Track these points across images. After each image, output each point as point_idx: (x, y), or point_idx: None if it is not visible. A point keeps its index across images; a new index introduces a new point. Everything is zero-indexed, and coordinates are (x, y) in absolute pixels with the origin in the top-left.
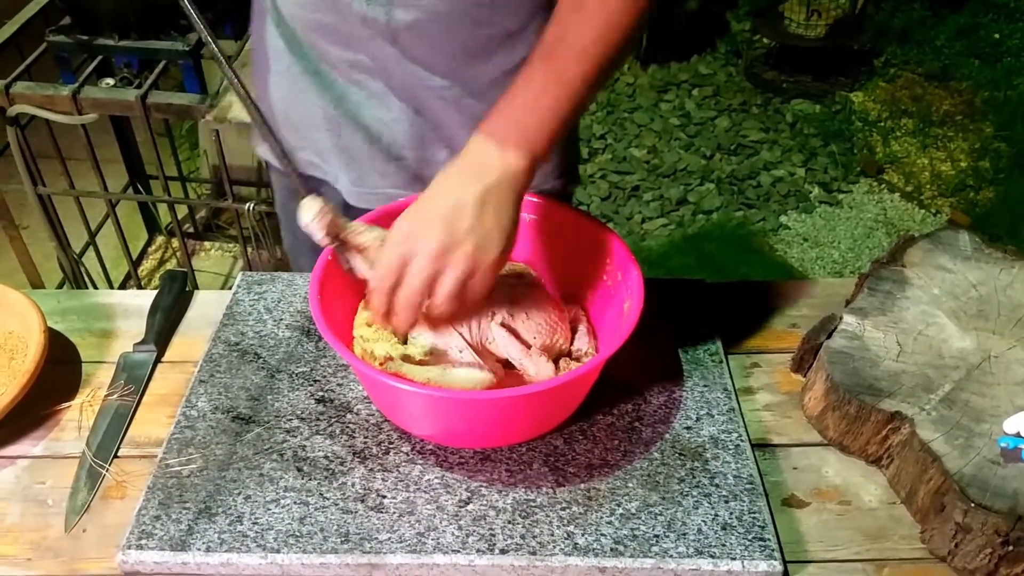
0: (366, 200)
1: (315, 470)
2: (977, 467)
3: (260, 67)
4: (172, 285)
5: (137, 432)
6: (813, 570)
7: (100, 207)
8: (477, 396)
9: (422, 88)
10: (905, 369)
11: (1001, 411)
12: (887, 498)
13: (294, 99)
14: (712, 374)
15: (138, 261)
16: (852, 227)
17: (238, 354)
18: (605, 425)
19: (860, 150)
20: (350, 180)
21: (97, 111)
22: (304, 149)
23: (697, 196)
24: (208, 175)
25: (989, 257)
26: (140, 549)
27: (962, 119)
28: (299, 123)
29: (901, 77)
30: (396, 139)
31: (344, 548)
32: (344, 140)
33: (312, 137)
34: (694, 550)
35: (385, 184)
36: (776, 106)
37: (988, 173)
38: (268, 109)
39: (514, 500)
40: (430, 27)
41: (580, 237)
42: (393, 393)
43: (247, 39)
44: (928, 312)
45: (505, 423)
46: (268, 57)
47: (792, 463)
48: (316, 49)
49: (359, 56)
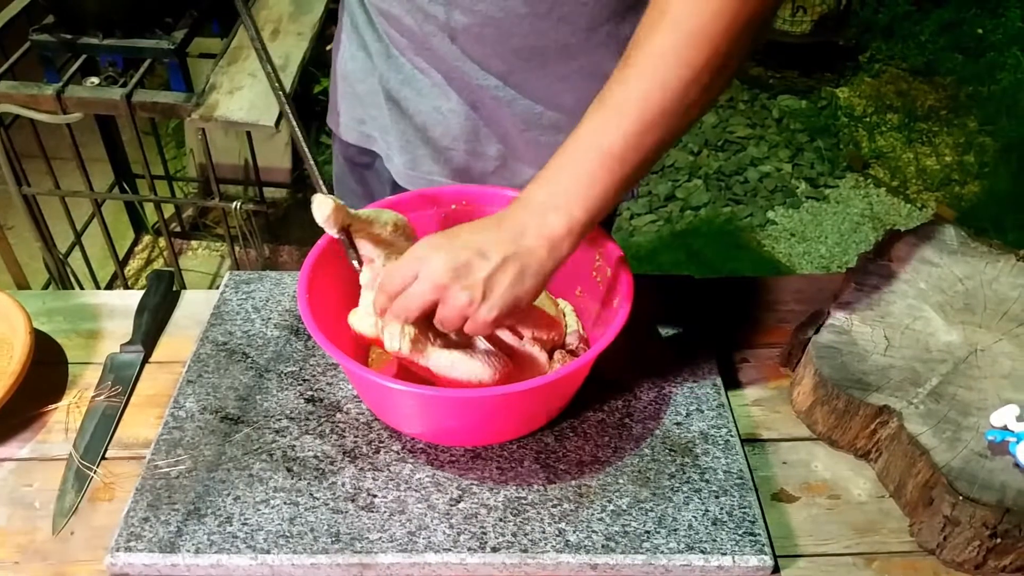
0: (415, 183)
1: (305, 470)
2: (965, 460)
3: (339, 40)
4: (159, 285)
5: (125, 433)
6: (803, 564)
7: (86, 207)
8: (465, 394)
9: (478, 85)
10: (893, 363)
11: (988, 404)
12: (876, 492)
13: (363, 75)
14: (701, 370)
15: (125, 261)
16: (839, 222)
17: (226, 354)
18: (595, 422)
19: (846, 145)
20: (403, 162)
21: (82, 110)
22: (366, 123)
23: (685, 192)
24: (195, 174)
25: (975, 251)
26: (129, 551)
27: (947, 114)
28: (365, 98)
29: (886, 72)
30: (451, 129)
31: (335, 548)
32: (403, 123)
33: (374, 114)
34: (685, 546)
35: (436, 171)
36: (763, 102)
37: (973, 167)
38: (341, 81)
39: (505, 498)
40: (485, 31)
41: None
42: (382, 391)
43: (234, 36)
44: (915, 306)
45: (494, 421)
46: (344, 30)
47: (781, 458)
48: (388, 34)
49: (422, 47)
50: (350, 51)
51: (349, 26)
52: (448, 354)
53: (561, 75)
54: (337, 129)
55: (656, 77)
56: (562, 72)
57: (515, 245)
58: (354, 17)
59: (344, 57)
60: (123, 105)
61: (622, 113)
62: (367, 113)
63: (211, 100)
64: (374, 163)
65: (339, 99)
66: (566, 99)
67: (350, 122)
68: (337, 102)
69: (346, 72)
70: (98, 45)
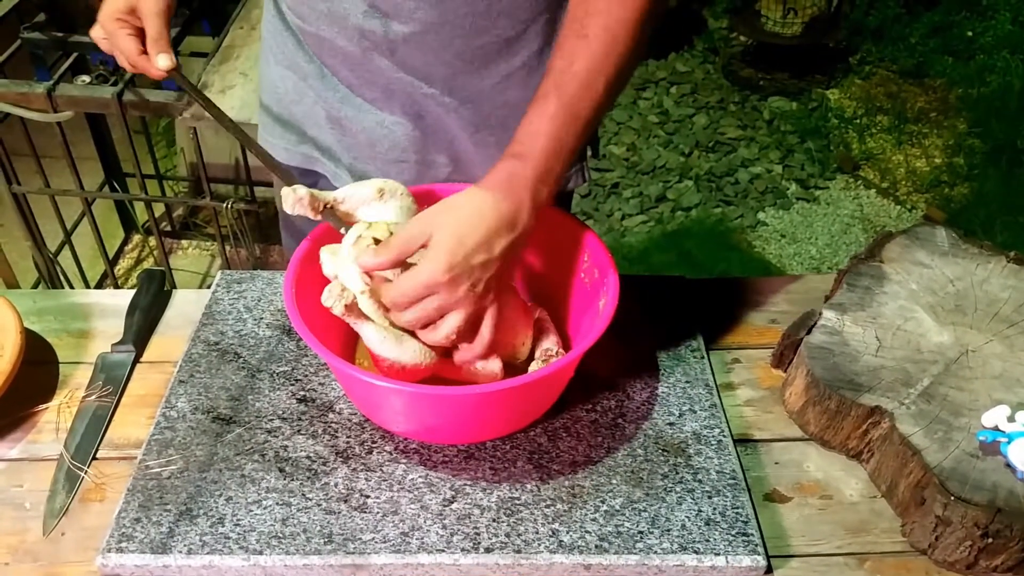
0: None
1: (297, 470)
2: (956, 460)
3: (267, 60)
4: (150, 284)
5: (116, 434)
6: (796, 564)
7: (76, 206)
8: (452, 392)
9: (421, 95)
10: (884, 364)
11: (979, 405)
12: (868, 492)
13: (297, 96)
14: (693, 370)
15: (115, 260)
16: (829, 223)
17: (218, 354)
18: (588, 422)
19: (836, 147)
20: (352, 179)
21: (73, 109)
22: (305, 143)
23: (676, 193)
24: (185, 173)
25: (966, 252)
26: (120, 552)
27: (936, 116)
28: (303, 120)
29: (876, 74)
30: (398, 142)
31: (327, 549)
32: (347, 140)
33: (315, 134)
34: (678, 546)
35: None
36: (753, 103)
37: (962, 169)
38: (275, 105)
39: (499, 498)
40: (427, 38)
41: (557, 235)
42: (365, 388)
43: (225, 35)
44: (906, 307)
45: (478, 419)
46: (270, 53)
47: (774, 458)
48: (319, 55)
49: (358, 65)
50: (278, 74)
51: (275, 49)
52: (381, 330)
53: (504, 72)
54: (274, 152)
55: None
56: (504, 69)
57: (515, 231)
58: (279, 40)
59: (272, 80)
60: (114, 104)
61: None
62: (306, 135)
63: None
64: (317, 183)
65: (272, 123)
66: (511, 95)
67: (288, 145)
68: (270, 125)
69: (278, 95)
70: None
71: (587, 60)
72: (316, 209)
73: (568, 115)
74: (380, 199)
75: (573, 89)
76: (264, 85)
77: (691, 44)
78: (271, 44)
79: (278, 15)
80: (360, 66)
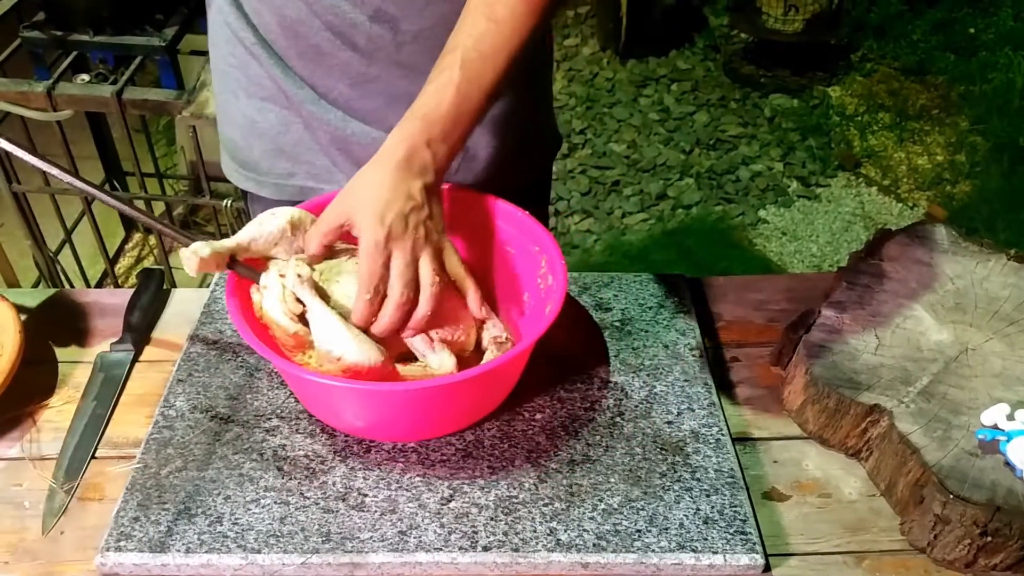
0: None
1: (295, 469)
2: (955, 459)
3: (234, 96)
4: (149, 283)
5: (115, 433)
6: (794, 563)
7: (76, 204)
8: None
9: None
10: (883, 362)
11: (979, 403)
12: (867, 491)
13: (283, 127)
14: (692, 369)
15: (115, 259)
16: (830, 221)
17: (217, 353)
18: (586, 421)
19: (837, 144)
20: None
21: (72, 107)
22: (297, 175)
23: (677, 191)
24: (185, 171)
25: (966, 250)
26: (119, 551)
27: (938, 113)
28: (292, 149)
29: (878, 71)
30: None
31: (325, 548)
32: (351, 159)
33: (309, 160)
34: (676, 544)
35: None
36: (754, 101)
37: (964, 167)
38: (256, 140)
39: (496, 497)
40: (436, 31)
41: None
42: (303, 384)
43: None
44: (906, 305)
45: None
46: (239, 89)
47: (772, 456)
48: (311, 78)
49: (359, 77)
50: (255, 107)
51: (244, 83)
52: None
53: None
54: (257, 190)
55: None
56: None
57: (425, 176)
58: (249, 73)
59: (247, 116)
60: (114, 102)
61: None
62: (298, 164)
63: (202, 97)
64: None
65: (258, 159)
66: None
67: (279, 180)
68: (256, 162)
69: (259, 131)
70: (89, 42)
71: (493, 40)
72: (220, 265)
73: (470, 89)
74: (292, 234)
75: (477, 67)
76: (234, 121)
77: (692, 41)
78: (238, 78)
79: (241, 46)
80: (361, 76)
